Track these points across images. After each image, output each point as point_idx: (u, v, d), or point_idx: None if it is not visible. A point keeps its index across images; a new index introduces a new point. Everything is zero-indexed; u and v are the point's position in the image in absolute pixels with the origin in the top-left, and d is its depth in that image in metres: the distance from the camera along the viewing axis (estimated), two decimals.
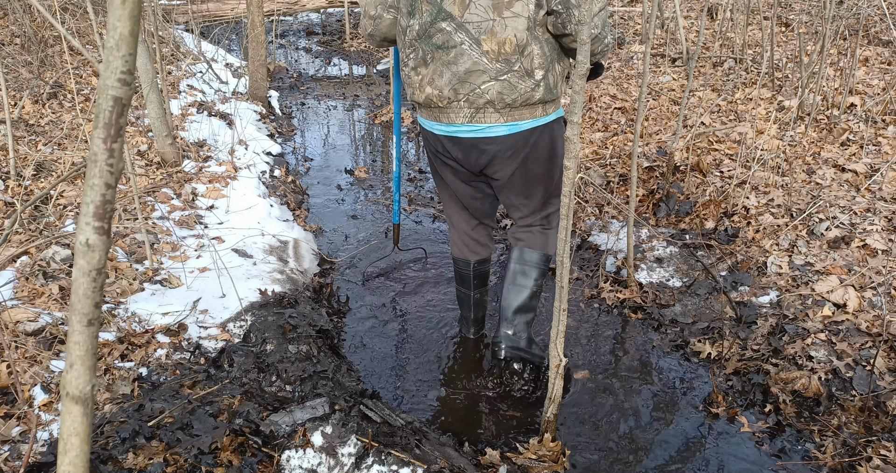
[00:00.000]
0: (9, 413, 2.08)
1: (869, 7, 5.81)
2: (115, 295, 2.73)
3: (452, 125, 2.32)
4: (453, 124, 2.32)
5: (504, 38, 2.15)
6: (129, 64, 0.82)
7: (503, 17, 2.14)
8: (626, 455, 2.33)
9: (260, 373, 2.48)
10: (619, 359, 2.81)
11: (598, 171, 3.96)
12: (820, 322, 2.66)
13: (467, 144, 2.35)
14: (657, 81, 5.08)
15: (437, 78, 2.25)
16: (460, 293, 2.87)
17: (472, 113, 2.28)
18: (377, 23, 2.37)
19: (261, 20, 5.24)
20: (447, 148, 2.41)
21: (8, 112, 3.38)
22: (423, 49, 2.26)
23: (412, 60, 2.30)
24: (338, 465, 1.98)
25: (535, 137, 2.35)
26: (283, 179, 4.42)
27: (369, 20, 2.39)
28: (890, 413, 2.28)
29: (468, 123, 2.30)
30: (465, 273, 2.77)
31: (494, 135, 2.31)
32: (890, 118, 4.07)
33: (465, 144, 2.36)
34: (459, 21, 2.17)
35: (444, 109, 2.31)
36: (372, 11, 2.36)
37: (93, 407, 0.91)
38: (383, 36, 2.42)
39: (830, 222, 3.12)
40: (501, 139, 2.32)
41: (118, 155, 0.84)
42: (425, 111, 2.40)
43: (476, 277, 2.78)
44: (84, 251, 0.85)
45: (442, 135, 2.38)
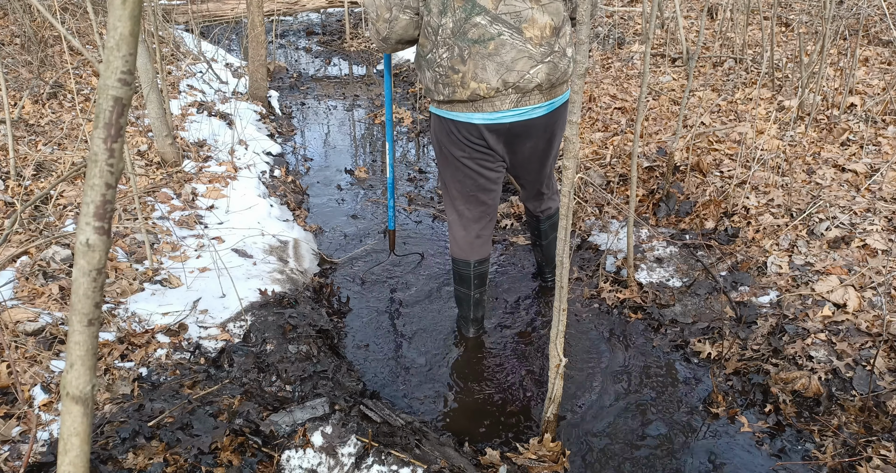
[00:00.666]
0: (9, 413, 2.08)
1: (869, 7, 5.80)
2: (115, 295, 2.73)
3: (497, 112, 2.40)
4: (498, 111, 2.39)
5: (544, 23, 2.30)
6: (130, 64, 0.82)
7: (541, 4, 2.28)
8: (626, 454, 2.33)
9: (260, 373, 2.48)
10: (618, 359, 2.81)
11: (598, 171, 3.96)
12: (820, 322, 2.66)
13: (508, 127, 2.44)
14: (657, 81, 5.08)
15: (481, 71, 2.30)
16: (459, 293, 2.87)
17: (518, 98, 2.39)
18: (392, 25, 2.32)
19: (261, 20, 5.24)
20: (484, 135, 2.45)
21: (8, 112, 3.38)
22: (458, 46, 2.29)
23: (446, 59, 2.32)
24: (338, 465, 1.98)
25: (563, 111, 2.53)
26: (283, 179, 4.42)
27: (383, 23, 2.32)
28: (890, 413, 2.28)
29: (514, 108, 2.40)
30: (465, 273, 2.78)
31: (537, 115, 2.45)
32: (890, 118, 4.07)
33: (505, 128, 2.44)
34: (494, 13, 2.25)
35: (490, 100, 2.37)
36: (386, 14, 2.30)
37: (93, 407, 0.91)
38: (398, 38, 2.37)
39: (830, 222, 3.13)
40: (541, 118, 2.46)
41: (118, 155, 0.84)
42: (461, 105, 2.40)
43: (476, 277, 2.79)
44: (84, 251, 0.85)
45: (482, 123, 2.43)
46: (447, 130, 2.50)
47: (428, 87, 2.44)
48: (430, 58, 2.36)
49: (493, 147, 2.49)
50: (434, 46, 2.33)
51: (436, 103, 2.49)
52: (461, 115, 2.42)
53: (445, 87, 2.37)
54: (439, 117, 2.51)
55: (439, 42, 2.31)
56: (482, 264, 2.78)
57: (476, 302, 2.87)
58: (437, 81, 2.37)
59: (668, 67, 5.31)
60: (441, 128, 2.52)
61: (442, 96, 2.40)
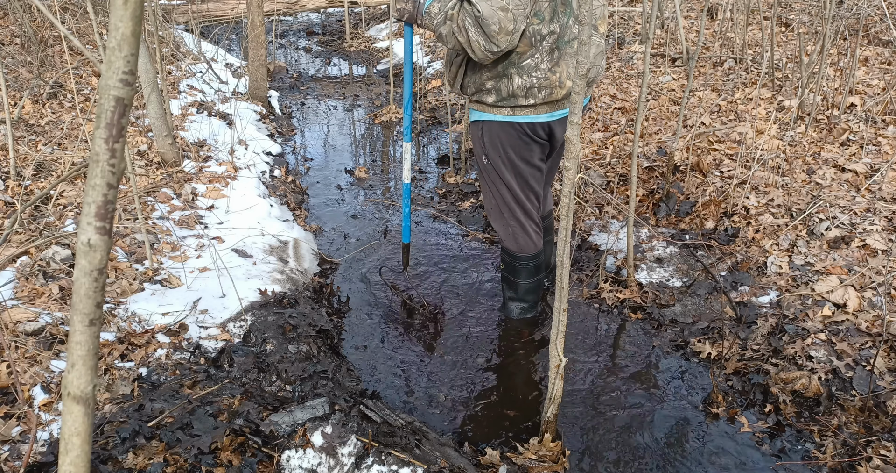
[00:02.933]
0: (9, 413, 2.08)
1: (869, 7, 5.81)
2: (116, 295, 2.73)
3: (566, 109, 2.55)
4: (565, 108, 2.54)
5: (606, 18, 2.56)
6: (131, 64, 0.82)
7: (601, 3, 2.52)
8: (625, 454, 2.33)
9: (260, 373, 2.48)
10: (619, 359, 2.81)
11: (598, 171, 3.96)
12: (820, 322, 2.66)
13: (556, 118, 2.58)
14: (657, 81, 5.08)
15: (564, 75, 2.43)
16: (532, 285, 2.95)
17: (589, 90, 2.64)
18: (514, 37, 2.28)
19: (261, 20, 5.24)
20: (554, 131, 2.60)
21: (8, 112, 3.38)
22: (559, 49, 2.39)
23: (546, 63, 2.39)
24: (338, 465, 1.98)
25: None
26: (283, 179, 4.42)
27: (505, 36, 2.25)
28: (890, 413, 2.28)
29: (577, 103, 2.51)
30: (540, 262, 2.90)
31: (586, 101, 2.68)
32: (890, 118, 4.07)
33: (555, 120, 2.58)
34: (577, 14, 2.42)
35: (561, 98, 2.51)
36: (510, 26, 2.23)
37: (94, 407, 0.91)
38: (510, 48, 2.34)
39: (830, 222, 3.13)
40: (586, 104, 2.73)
41: (120, 155, 0.84)
42: (546, 107, 2.50)
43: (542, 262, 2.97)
44: (86, 251, 0.86)
45: (554, 120, 2.56)
46: (521, 134, 2.54)
47: (513, 93, 2.43)
48: (527, 64, 2.38)
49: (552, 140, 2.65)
50: (538, 52, 2.37)
51: (509, 110, 2.49)
52: (542, 116, 2.51)
53: (541, 90, 2.42)
54: (511, 124, 2.52)
55: (544, 48, 2.36)
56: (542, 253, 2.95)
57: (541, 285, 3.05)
58: (532, 85, 2.40)
59: (668, 67, 5.31)
60: (512, 135, 2.55)
61: (532, 100, 2.44)
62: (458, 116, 5.46)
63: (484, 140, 2.61)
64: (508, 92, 2.43)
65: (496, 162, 2.63)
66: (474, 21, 2.24)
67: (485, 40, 2.26)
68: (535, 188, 2.73)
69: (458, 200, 4.23)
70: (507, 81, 2.41)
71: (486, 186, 2.75)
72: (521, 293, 2.98)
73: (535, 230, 2.81)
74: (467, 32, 2.27)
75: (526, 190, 2.71)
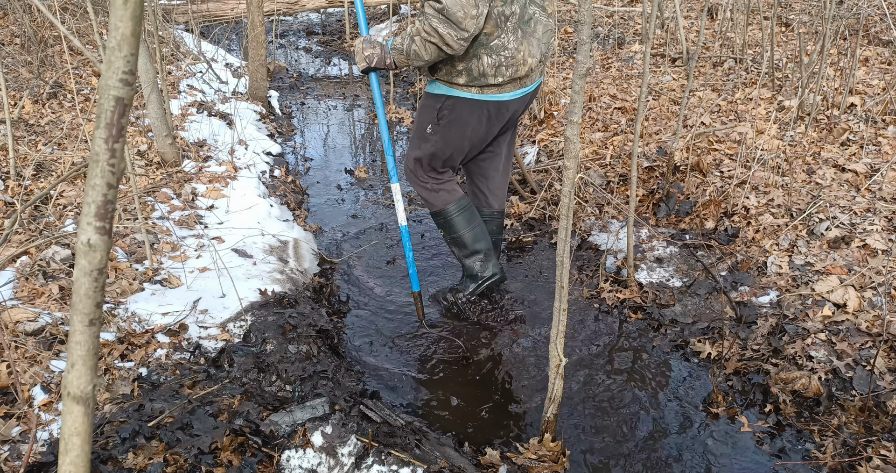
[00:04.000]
0: (9, 413, 2.08)
1: (869, 7, 5.81)
2: (115, 295, 2.73)
3: (534, 84, 2.74)
4: (534, 82, 2.73)
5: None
6: (131, 64, 0.82)
7: None
8: (625, 455, 2.33)
9: (260, 373, 2.48)
10: (619, 359, 2.81)
11: (598, 171, 3.96)
12: (820, 322, 2.66)
13: (528, 97, 2.77)
14: (657, 81, 5.08)
15: (532, 48, 2.60)
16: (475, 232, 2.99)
17: (542, 68, 2.75)
18: (479, 20, 2.40)
19: (261, 20, 5.24)
20: (512, 109, 2.73)
21: (8, 112, 3.38)
22: (521, 29, 2.55)
23: (513, 42, 2.54)
24: (338, 465, 1.98)
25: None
26: (283, 179, 4.42)
27: (471, 20, 2.37)
28: (890, 413, 2.28)
29: (539, 78, 2.77)
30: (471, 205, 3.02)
31: (540, 81, 2.80)
32: (890, 118, 4.07)
33: (528, 97, 2.76)
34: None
35: (531, 74, 2.68)
36: (473, 10, 2.35)
37: (94, 407, 0.92)
38: (478, 31, 2.46)
39: (830, 222, 3.13)
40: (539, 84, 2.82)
41: (120, 155, 0.84)
42: (511, 85, 2.64)
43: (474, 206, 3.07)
44: (86, 251, 0.86)
45: (515, 98, 2.69)
46: (485, 113, 2.68)
47: (483, 72, 2.56)
48: (495, 44, 2.52)
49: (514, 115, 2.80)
50: (503, 32, 2.51)
51: (479, 89, 2.61)
52: (506, 95, 2.65)
53: (508, 68, 2.57)
54: (479, 103, 2.65)
55: (509, 28, 2.52)
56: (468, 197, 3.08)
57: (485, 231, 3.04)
58: (500, 64, 2.55)
59: (668, 67, 5.31)
60: (475, 114, 2.67)
61: (501, 78, 2.58)
62: None
63: (441, 112, 2.71)
64: (479, 71, 2.56)
65: (443, 134, 2.76)
66: (438, 16, 2.36)
67: (455, 30, 2.38)
68: (456, 164, 2.94)
69: None
70: (478, 61, 2.54)
71: (413, 147, 2.90)
72: (471, 243, 2.99)
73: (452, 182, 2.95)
74: (437, 30, 2.38)
75: (454, 160, 2.89)
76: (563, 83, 5.13)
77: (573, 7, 7.01)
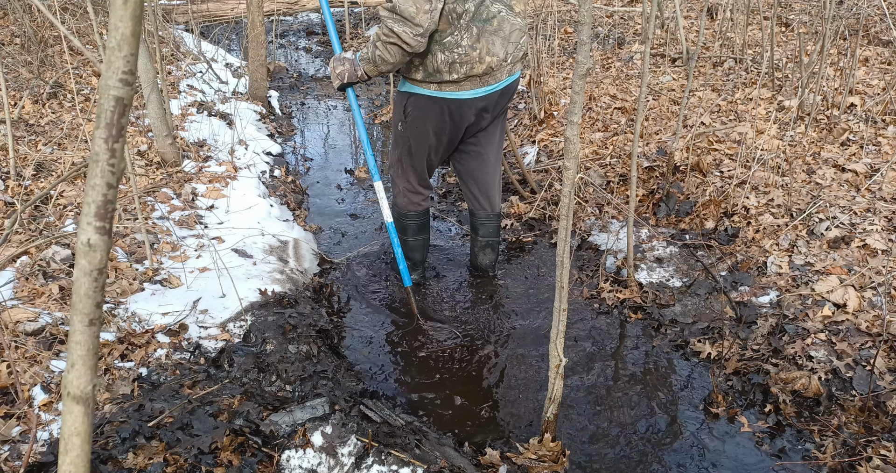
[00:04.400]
0: (9, 413, 2.08)
1: (869, 7, 5.81)
2: (115, 295, 2.73)
3: (500, 83, 2.74)
4: (499, 82, 2.74)
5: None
6: (131, 64, 0.82)
7: None
8: (625, 454, 2.33)
9: (260, 373, 2.48)
10: (618, 359, 2.81)
11: (598, 171, 3.96)
12: (820, 322, 2.66)
13: (499, 93, 2.79)
14: (657, 81, 5.08)
15: (492, 46, 2.62)
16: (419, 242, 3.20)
17: (510, 67, 2.75)
18: (433, 15, 2.46)
19: (261, 20, 5.24)
20: (476, 107, 2.76)
21: (8, 112, 3.38)
22: (476, 26, 2.58)
23: (466, 40, 2.58)
24: (338, 465, 1.98)
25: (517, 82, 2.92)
26: (283, 179, 4.42)
27: (425, 15, 2.44)
28: (890, 413, 2.28)
29: (507, 77, 2.77)
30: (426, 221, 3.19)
31: (515, 77, 2.83)
32: (890, 118, 4.07)
33: (495, 95, 2.78)
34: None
35: (495, 72, 2.69)
36: (427, 6, 2.42)
37: (94, 407, 0.92)
38: (434, 27, 2.51)
39: (830, 222, 3.13)
40: (516, 80, 2.85)
41: (120, 155, 0.84)
42: (469, 83, 2.67)
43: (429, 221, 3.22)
44: (85, 251, 0.86)
45: (483, 94, 2.73)
46: (444, 111, 2.74)
47: (437, 69, 2.62)
48: (448, 41, 2.57)
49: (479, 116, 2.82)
50: (456, 30, 2.56)
51: (436, 85, 2.67)
52: (467, 93, 2.69)
53: (462, 65, 2.61)
54: (438, 100, 2.71)
55: (462, 25, 2.55)
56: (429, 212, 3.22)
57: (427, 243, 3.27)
58: (455, 61, 2.60)
59: (668, 67, 5.31)
60: (435, 111, 2.74)
61: (456, 75, 2.63)
62: None
63: (407, 110, 2.81)
64: (434, 68, 2.62)
65: (412, 132, 2.85)
66: (392, 16, 2.44)
67: (409, 26, 2.44)
68: (435, 162, 3.01)
69: (458, 200, 4.23)
70: (432, 57, 2.60)
71: (393, 145, 3.00)
72: (409, 251, 3.19)
73: (422, 196, 3.09)
74: (393, 30, 2.45)
75: (427, 161, 2.98)
76: (563, 83, 5.13)
77: (573, 7, 7.01)
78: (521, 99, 5.40)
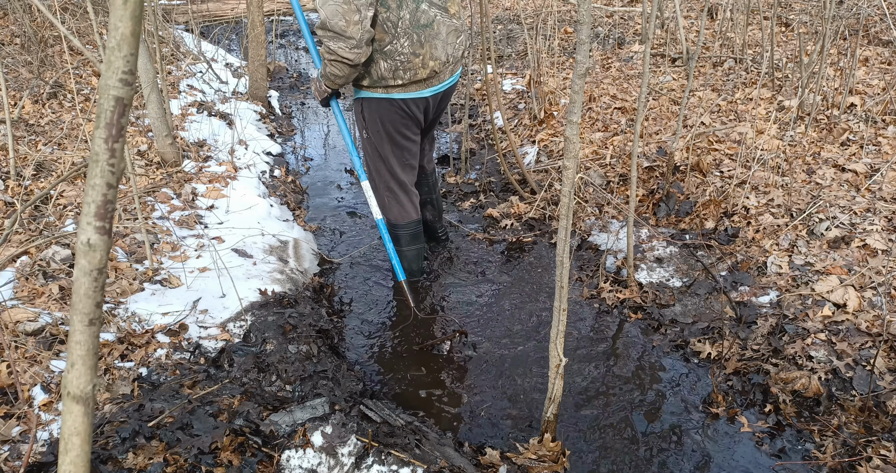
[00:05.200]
0: (9, 413, 2.08)
1: (869, 7, 5.81)
2: (115, 295, 2.73)
3: (443, 83, 2.84)
4: (442, 82, 2.84)
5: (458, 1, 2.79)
6: (131, 64, 0.82)
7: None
8: (626, 454, 2.33)
9: (260, 373, 2.48)
10: (619, 359, 2.81)
11: (598, 171, 3.96)
12: (820, 322, 2.66)
13: (441, 94, 2.90)
14: (657, 81, 5.08)
15: (434, 50, 2.70)
16: (411, 252, 3.23)
17: (452, 67, 2.86)
18: (364, 24, 2.47)
19: (261, 20, 5.24)
20: (427, 107, 2.89)
21: (8, 112, 3.38)
22: (416, 33, 2.63)
23: (407, 47, 2.64)
24: (338, 465, 1.98)
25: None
26: (283, 179, 4.42)
27: (356, 26, 2.45)
28: (890, 413, 2.28)
29: (450, 76, 2.88)
30: (415, 232, 3.20)
31: (457, 77, 2.94)
32: (890, 118, 4.07)
33: (439, 95, 2.89)
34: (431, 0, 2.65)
35: (439, 74, 2.79)
36: (356, 16, 2.43)
37: (94, 407, 0.92)
38: (370, 36, 2.52)
39: (830, 222, 3.13)
40: (456, 80, 2.96)
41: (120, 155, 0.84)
42: (415, 86, 2.75)
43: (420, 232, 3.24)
44: (85, 251, 0.86)
45: (429, 95, 2.83)
46: (398, 110, 2.81)
47: (382, 76, 2.69)
48: (388, 49, 2.63)
49: (426, 115, 2.95)
50: (394, 38, 2.61)
51: (383, 89, 2.75)
52: (414, 94, 2.78)
53: (406, 71, 2.68)
54: (388, 100, 2.78)
55: (399, 33, 2.60)
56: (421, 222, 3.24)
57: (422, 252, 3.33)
58: (397, 68, 2.67)
59: (668, 67, 5.31)
60: (389, 110, 2.81)
61: (401, 81, 2.71)
62: (458, 116, 5.46)
63: (364, 115, 2.88)
64: (378, 75, 2.69)
65: (375, 136, 2.91)
66: (326, 34, 2.47)
67: (343, 41, 2.48)
68: (411, 161, 3.05)
69: (458, 200, 4.23)
70: (375, 66, 2.67)
71: (367, 158, 3.05)
72: (407, 261, 3.23)
73: (409, 201, 3.12)
74: (329, 48, 2.51)
75: (402, 163, 3.02)
76: (563, 83, 5.13)
77: (573, 7, 7.01)
78: (521, 99, 5.40)
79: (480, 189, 4.29)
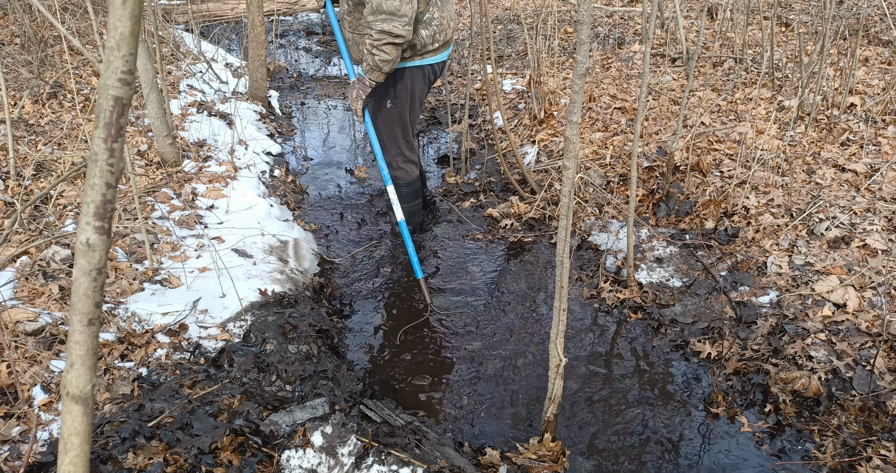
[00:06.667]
0: (9, 413, 2.08)
1: (869, 7, 5.81)
2: (115, 295, 2.73)
3: (449, 47, 3.18)
4: (449, 46, 3.18)
5: None
6: (130, 64, 0.82)
7: None
8: (625, 454, 2.33)
9: (260, 373, 2.48)
10: (618, 359, 2.81)
11: (598, 171, 3.96)
12: (820, 322, 2.66)
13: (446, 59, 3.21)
14: (657, 81, 5.08)
15: (451, 13, 3.09)
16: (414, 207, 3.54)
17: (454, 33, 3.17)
18: (413, 3, 2.77)
19: (261, 20, 5.23)
20: (437, 70, 3.20)
21: (8, 112, 3.38)
22: (440, 1, 3.01)
23: (437, 13, 2.99)
24: (338, 465, 1.98)
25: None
26: (283, 178, 4.42)
27: (407, 6, 2.73)
28: (890, 413, 2.28)
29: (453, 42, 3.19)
30: (419, 187, 3.53)
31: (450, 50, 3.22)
32: (890, 118, 4.07)
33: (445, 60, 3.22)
34: None
35: (452, 35, 3.13)
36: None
37: (93, 407, 0.91)
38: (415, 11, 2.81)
39: (830, 222, 3.13)
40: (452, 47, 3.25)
41: (119, 155, 0.84)
42: (443, 48, 3.11)
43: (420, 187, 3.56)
44: (85, 251, 0.85)
45: (446, 58, 3.19)
46: (425, 75, 3.14)
47: (424, 43, 3.00)
48: (427, 18, 2.97)
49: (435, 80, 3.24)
50: (431, 6, 2.97)
51: (419, 56, 3.05)
52: (437, 57, 3.12)
53: (440, 33, 3.04)
54: (421, 67, 3.10)
55: (432, 3, 2.98)
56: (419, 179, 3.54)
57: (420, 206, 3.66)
58: (435, 32, 3.02)
59: (668, 67, 5.31)
60: (420, 77, 3.12)
61: (437, 44, 3.06)
62: (458, 116, 5.46)
63: (397, 87, 3.11)
64: (422, 44, 3.00)
65: (401, 104, 3.17)
66: (378, 16, 2.72)
67: (396, 19, 2.74)
68: (416, 126, 3.37)
69: (458, 200, 4.23)
70: (418, 36, 2.97)
71: (384, 127, 3.25)
72: (409, 215, 3.49)
73: (413, 161, 3.42)
74: (383, 30, 2.75)
75: (412, 127, 3.32)
76: (563, 83, 5.13)
77: (573, 7, 7.01)
78: (521, 99, 5.40)
79: (480, 189, 4.29)
